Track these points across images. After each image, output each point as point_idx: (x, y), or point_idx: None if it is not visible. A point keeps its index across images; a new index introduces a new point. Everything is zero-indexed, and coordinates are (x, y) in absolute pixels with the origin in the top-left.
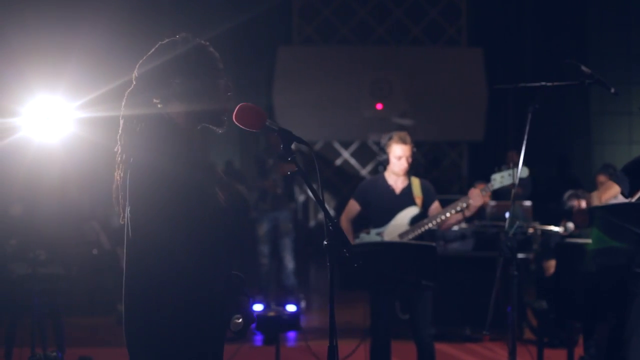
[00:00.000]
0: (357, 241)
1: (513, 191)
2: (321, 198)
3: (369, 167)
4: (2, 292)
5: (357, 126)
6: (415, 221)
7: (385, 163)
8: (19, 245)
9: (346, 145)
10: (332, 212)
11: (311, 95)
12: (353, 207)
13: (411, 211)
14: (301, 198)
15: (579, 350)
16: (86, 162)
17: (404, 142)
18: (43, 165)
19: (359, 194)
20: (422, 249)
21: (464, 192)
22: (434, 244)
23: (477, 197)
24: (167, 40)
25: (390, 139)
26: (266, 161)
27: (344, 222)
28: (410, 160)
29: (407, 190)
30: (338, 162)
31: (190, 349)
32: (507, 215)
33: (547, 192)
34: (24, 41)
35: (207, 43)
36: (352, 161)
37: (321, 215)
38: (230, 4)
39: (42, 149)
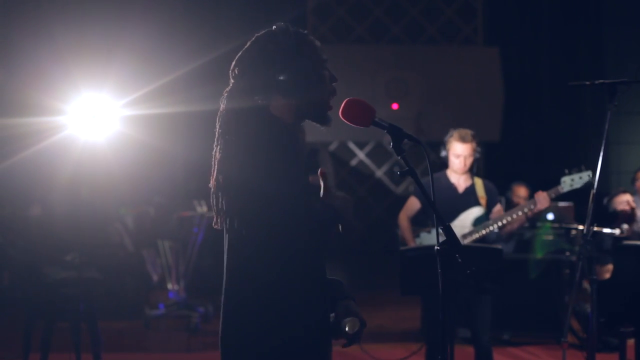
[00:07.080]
0: (418, 240)
1: (592, 192)
2: (432, 199)
3: (384, 168)
4: (38, 297)
5: (373, 126)
6: (478, 222)
7: (444, 160)
8: (47, 249)
9: (361, 146)
10: None
11: None
12: (413, 204)
13: (475, 212)
14: None
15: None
16: (132, 160)
17: (463, 140)
18: (89, 164)
19: (420, 191)
20: (487, 251)
21: None
22: (500, 246)
23: (544, 200)
24: (263, 31)
25: (450, 136)
26: None
27: (403, 220)
28: (470, 159)
29: (471, 189)
30: (353, 162)
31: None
32: (548, 216)
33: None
34: (71, 40)
35: (306, 31)
36: (367, 161)
37: None
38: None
39: (87, 147)
